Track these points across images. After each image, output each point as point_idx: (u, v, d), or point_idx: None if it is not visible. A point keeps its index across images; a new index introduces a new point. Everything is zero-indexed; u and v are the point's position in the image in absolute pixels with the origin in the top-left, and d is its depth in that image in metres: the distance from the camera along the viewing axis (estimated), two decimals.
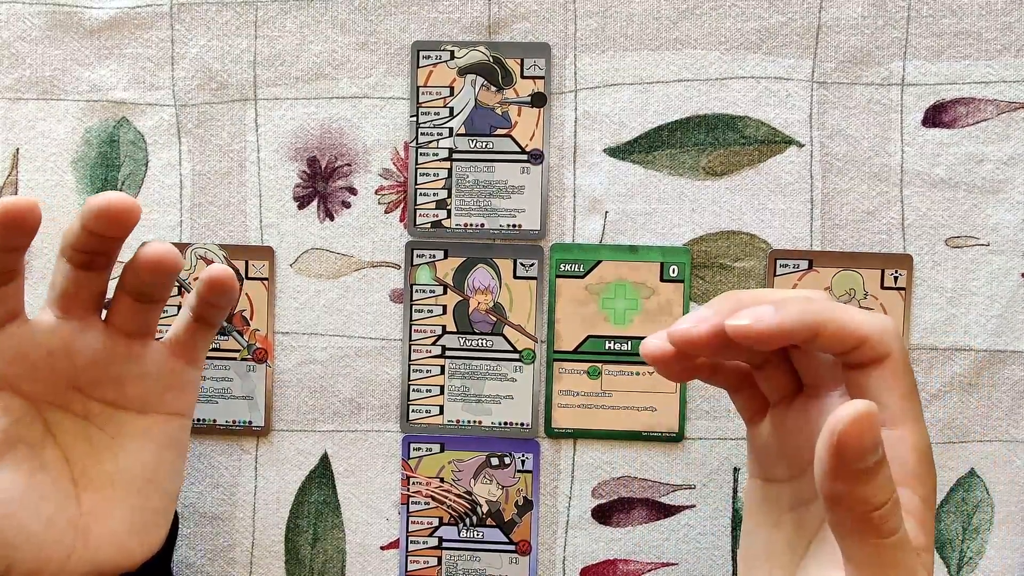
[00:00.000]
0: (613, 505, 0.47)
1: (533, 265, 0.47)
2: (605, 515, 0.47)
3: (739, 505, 0.46)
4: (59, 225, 0.47)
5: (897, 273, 0.46)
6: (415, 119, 0.47)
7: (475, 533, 0.47)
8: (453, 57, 0.47)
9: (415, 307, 0.47)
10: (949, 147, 0.46)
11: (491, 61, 0.46)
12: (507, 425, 0.47)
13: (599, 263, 0.46)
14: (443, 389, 0.47)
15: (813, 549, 0.31)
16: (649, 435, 0.46)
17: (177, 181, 0.47)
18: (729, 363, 0.34)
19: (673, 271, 0.46)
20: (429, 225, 0.47)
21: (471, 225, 0.47)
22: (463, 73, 0.47)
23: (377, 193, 0.47)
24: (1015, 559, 0.46)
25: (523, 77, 0.46)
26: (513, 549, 0.47)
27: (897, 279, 0.46)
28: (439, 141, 0.47)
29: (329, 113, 0.47)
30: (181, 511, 0.47)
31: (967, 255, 0.46)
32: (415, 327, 0.47)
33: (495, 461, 0.47)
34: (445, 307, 0.47)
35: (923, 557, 0.28)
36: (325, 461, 0.47)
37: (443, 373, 0.47)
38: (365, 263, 0.47)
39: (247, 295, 0.47)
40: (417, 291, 0.47)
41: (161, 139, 0.47)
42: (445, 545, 0.47)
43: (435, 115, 0.47)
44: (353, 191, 0.47)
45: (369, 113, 0.47)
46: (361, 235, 0.47)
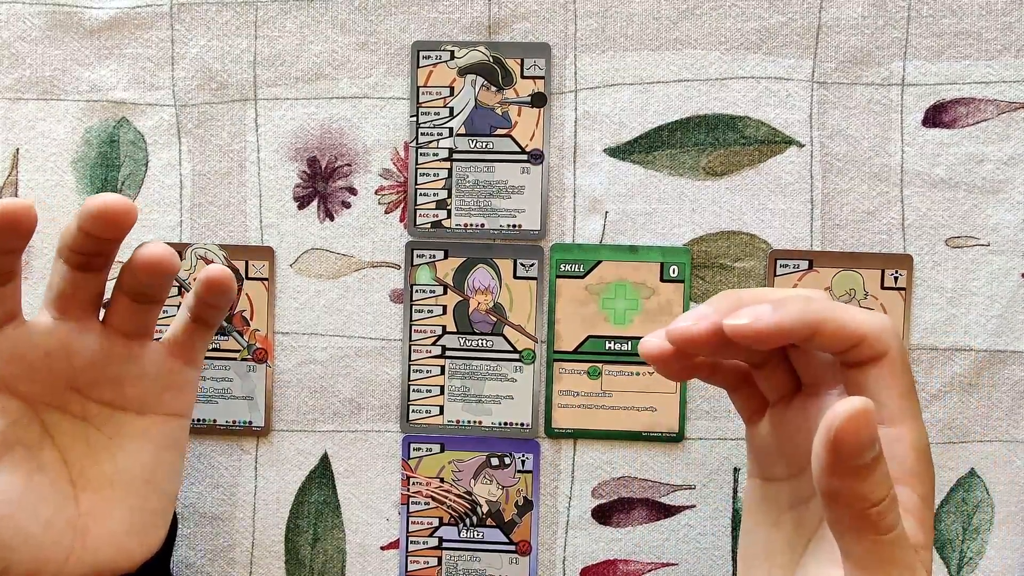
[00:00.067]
0: (613, 505, 0.47)
1: (533, 265, 0.47)
2: (605, 515, 0.47)
3: (739, 505, 0.46)
4: (59, 225, 0.47)
5: (897, 273, 0.46)
6: (415, 119, 0.47)
7: (475, 533, 0.47)
8: (453, 57, 0.46)
9: (415, 307, 0.47)
10: (949, 147, 0.46)
11: (491, 61, 0.46)
12: (507, 425, 0.47)
13: (599, 263, 0.46)
14: (443, 389, 0.47)
15: (812, 547, 0.31)
16: (649, 435, 0.46)
17: (177, 181, 0.47)
18: (728, 362, 0.34)
19: (673, 271, 0.46)
20: (429, 225, 0.47)
21: (471, 225, 0.47)
22: (463, 73, 0.47)
23: (377, 193, 0.47)
24: (1015, 559, 0.46)
25: (523, 77, 0.46)
26: (513, 549, 0.47)
27: (897, 279, 0.46)
28: (439, 141, 0.47)
29: (329, 113, 0.47)
30: (181, 511, 0.47)
31: (967, 255, 0.46)
32: (415, 327, 0.47)
33: (495, 461, 0.47)
34: (445, 307, 0.47)
35: (922, 554, 0.28)
36: (325, 461, 0.47)
37: (443, 373, 0.47)
38: (365, 263, 0.47)
39: (247, 295, 0.47)
40: (417, 291, 0.47)
41: (161, 139, 0.47)
42: (445, 545, 0.47)
43: (435, 115, 0.47)
44: (353, 191, 0.47)
45: (369, 113, 0.47)
46: (361, 235, 0.47)
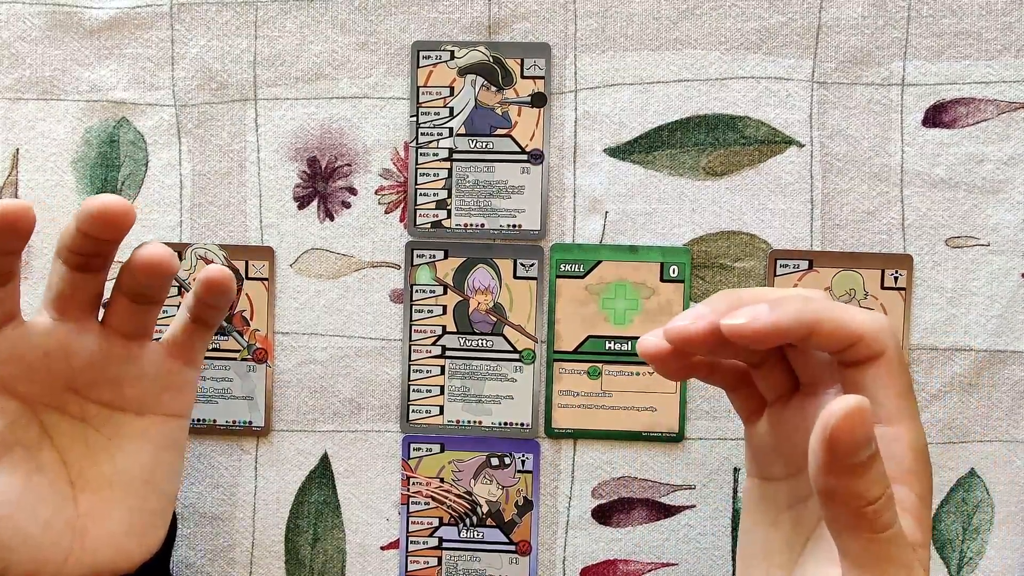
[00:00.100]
0: (613, 505, 0.47)
1: (533, 265, 0.47)
2: (605, 515, 0.47)
3: (739, 505, 0.46)
4: (59, 225, 0.47)
5: (897, 273, 0.46)
6: (415, 119, 0.47)
7: (475, 533, 0.47)
8: (453, 57, 0.46)
9: (415, 307, 0.47)
10: (949, 147, 0.46)
11: (491, 61, 0.46)
12: (507, 425, 0.47)
13: (599, 263, 0.46)
14: (443, 389, 0.47)
15: (811, 547, 0.31)
16: (649, 435, 0.46)
17: (177, 181, 0.47)
18: (726, 362, 0.34)
19: (673, 271, 0.46)
20: (429, 225, 0.47)
21: (471, 225, 0.47)
22: (463, 73, 0.47)
23: (377, 193, 0.47)
24: (1015, 559, 0.46)
25: (523, 77, 0.46)
26: (513, 549, 0.47)
27: (897, 279, 0.46)
28: (439, 141, 0.47)
29: (329, 113, 0.47)
30: (181, 511, 0.47)
31: (967, 255, 0.46)
32: (415, 327, 0.47)
33: (495, 461, 0.47)
34: (445, 307, 0.47)
35: (919, 553, 0.28)
36: (325, 461, 0.47)
37: (443, 373, 0.47)
38: (365, 263, 0.47)
39: (247, 295, 0.47)
40: (417, 291, 0.47)
41: (161, 139, 0.47)
42: (445, 545, 0.47)
43: (435, 115, 0.47)
44: (353, 191, 0.47)
45: (369, 113, 0.47)
46: (361, 235, 0.47)
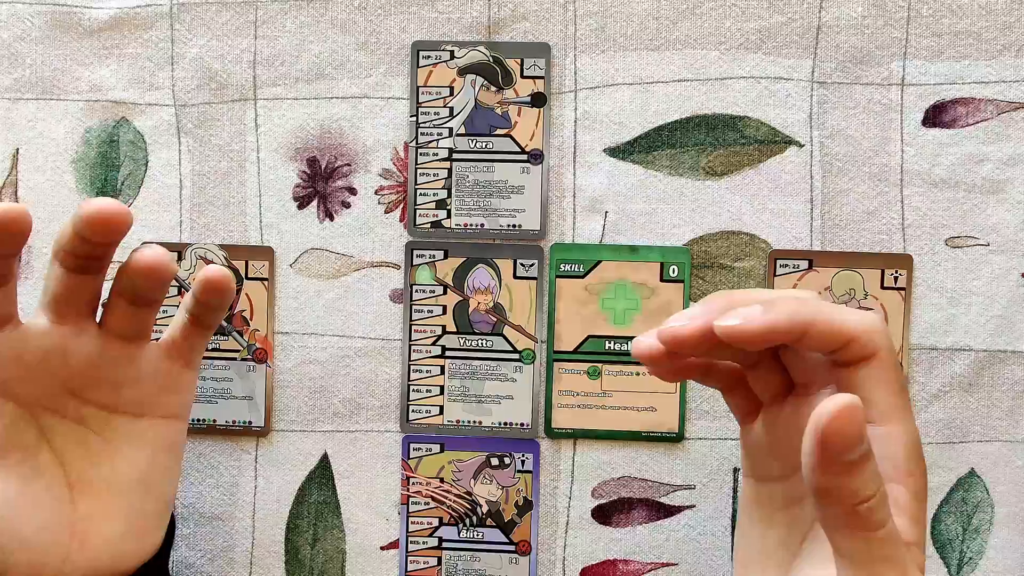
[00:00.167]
0: (613, 505, 0.47)
1: (533, 265, 0.47)
2: (605, 515, 0.47)
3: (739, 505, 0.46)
4: (59, 225, 0.47)
5: (897, 273, 0.46)
6: (415, 119, 0.47)
7: (475, 533, 0.47)
8: (453, 57, 0.46)
9: (415, 307, 0.47)
10: (949, 147, 0.46)
11: (491, 61, 0.46)
12: (507, 425, 0.47)
13: (599, 263, 0.46)
14: (443, 389, 0.47)
15: (806, 546, 0.31)
16: (649, 435, 0.46)
17: (177, 181, 0.47)
18: (721, 363, 0.34)
19: (673, 271, 0.46)
20: (429, 225, 0.47)
21: (471, 225, 0.47)
22: (463, 73, 0.47)
23: (377, 193, 0.47)
24: (1015, 559, 0.46)
25: (523, 77, 0.46)
26: (513, 549, 0.47)
27: (897, 279, 0.46)
28: (439, 141, 0.47)
29: (329, 113, 0.47)
30: (181, 511, 0.47)
31: (967, 255, 0.46)
32: (415, 327, 0.47)
33: (495, 461, 0.47)
34: (445, 307, 0.47)
35: (913, 551, 0.29)
36: (325, 461, 0.47)
37: (443, 373, 0.47)
38: (365, 263, 0.47)
39: (247, 295, 0.47)
40: (417, 291, 0.47)
41: (161, 139, 0.47)
42: (445, 545, 0.47)
43: (435, 115, 0.47)
44: (353, 191, 0.47)
45: (369, 113, 0.47)
46: (361, 235, 0.47)
